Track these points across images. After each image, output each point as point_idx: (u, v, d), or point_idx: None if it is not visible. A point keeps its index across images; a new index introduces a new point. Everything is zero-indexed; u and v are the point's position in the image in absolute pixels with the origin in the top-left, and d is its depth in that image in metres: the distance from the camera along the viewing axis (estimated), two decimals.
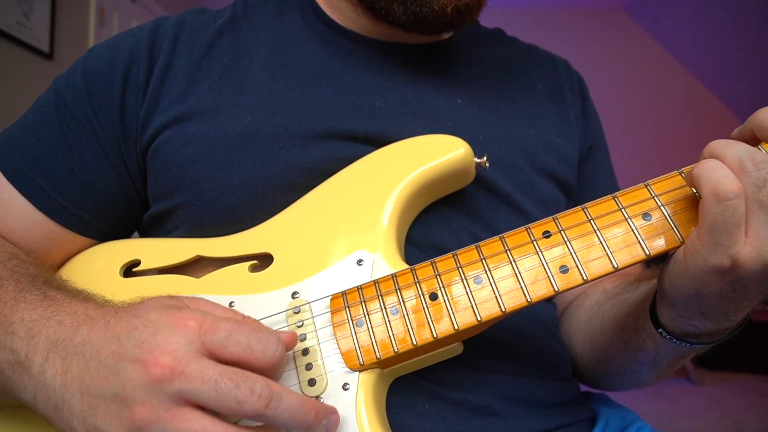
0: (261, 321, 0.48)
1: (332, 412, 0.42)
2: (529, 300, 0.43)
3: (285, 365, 0.40)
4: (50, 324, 0.41)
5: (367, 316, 0.46)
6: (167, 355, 0.36)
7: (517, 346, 0.57)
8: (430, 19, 0.57)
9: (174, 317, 0.38)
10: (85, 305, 0.43)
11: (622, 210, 0.44)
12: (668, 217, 0.42)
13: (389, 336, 0.45)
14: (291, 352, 0.46)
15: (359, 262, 0.49)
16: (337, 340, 0.46)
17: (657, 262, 0.45)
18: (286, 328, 0.47)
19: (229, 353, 0.37)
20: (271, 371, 0.39)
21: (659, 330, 0.49)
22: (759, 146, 0.41)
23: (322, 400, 0.44)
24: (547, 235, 0.45)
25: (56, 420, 0.39)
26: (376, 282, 0.47)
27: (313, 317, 0.47)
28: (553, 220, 0.45)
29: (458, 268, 0.46)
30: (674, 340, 0.48)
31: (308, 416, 0.38)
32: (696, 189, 0.40)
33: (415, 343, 0.44)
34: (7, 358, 0.41)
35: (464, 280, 0.45)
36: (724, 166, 0.39)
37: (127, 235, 0.63)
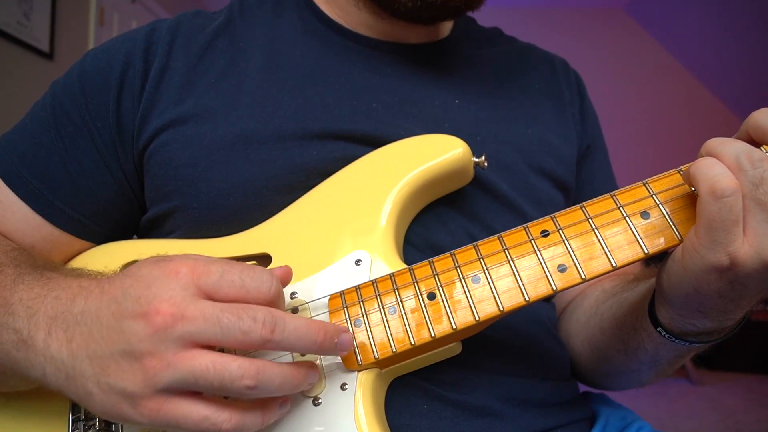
0: None
1: (342, 330, 0.42)
2: (527, 299, 0.43)
3: (284, 300, 0.41)
4: (47, 300, 0.42)
5: (365, 316, 0.46)
6: (165, 302, 0.36)
7: (515, 346, 0.57)
8: (438, 5, 0.57)
9: (165, 268, 0.38)
10: (78, 279, 0.43)
11: (621, 209, 0.44)
12: (667, 216, 0.42)
13: (387, 336, 0.45)
14: (289, 353, 0.46)
15: (357, 262, 0.49)
16: None
17: (656, 260, 0.45)
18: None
19: (224, 293, 0.38)
20: (270, 305, 0.39)
21: (658, 329, 0.49)
22: (761, 148, 0.41)
23: (320, 401, 0.44)
24: (545, 234, 0.45)
25: (71, 389, 0.39)
26: (374, 282, 0.47)
27: (311, 317, 0.47)
28: (551, 219, 0.45)
29: (456, 268, 0.46)
30: (673, 339, 0.48)
31: (317, 336, 0.39)
32: (693, 187, 0.40)
33: (413, 342, 0.44)
34: (11, 338, 0.42)
35: (462, 280, 0.45)
36: (721, 164, 0.39)
37: (125, 238, 0.63)
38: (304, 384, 0.41)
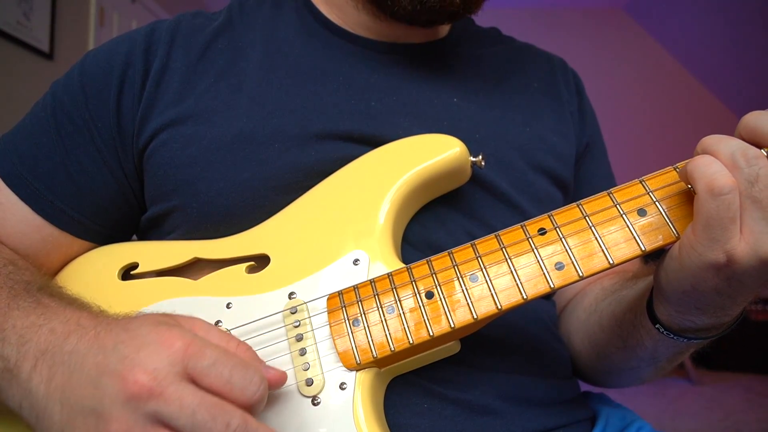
0: (258, 321, 0.48)
1: None
2: (525, 297, 0.43)
3: (264, 403, 0.39)
4: (42, 332, 0.41)
5: (363, 315, 0.46)
6: (147, 374, 0.35)
7: (515, 345, 0.57)
8: (437, 8, 0.57)
9: (162, 335, 0.37)
10: (78, 314, 0.42)
11: (618, 206, 0.44)
12: (663, 213, 0.42)
13: (386, 335, 0.45)
14: (288, 353, 0.46)
15: (356, 261, 0.49)
16: (333, 340, 0.46)
17: (654, 257, 0.45)
18: (282, 329, 0.47)
19: (208, 383, 0.36)
20: (249, 409, 0.37)
21: (656, 326, 0.49)
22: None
23: (319, 400, 0.44)
24: (542, 232, 0.45)
25: (37, 429, 0.39)
26: (372, 281, 0.47)
27: (309, 317, 0.47)
28: (549, 217, 0.45)
29: (454, 267, 0.46)
30: (671, 336, 0.48)
31: None
32: (690, 184, 0.40)
33: (411, 341, 0.44)
34: None
35: (460, 279, 0.45)
36: (717, 162, 0.39)
37: (125, 238, 0.63)
38: None
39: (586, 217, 0.44)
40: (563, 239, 0.44)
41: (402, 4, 0.58)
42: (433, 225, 0.56)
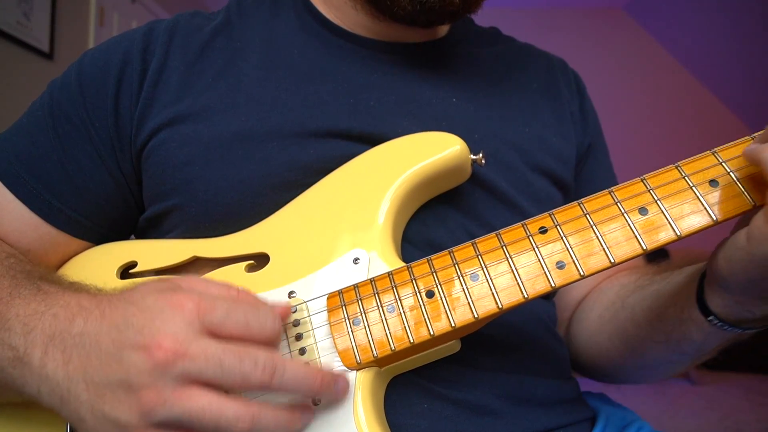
0: None
1: (339, 377, 0.42)
2: (525, 296, 0.43)
3: (281, 334, 0.42)
4: (45, 318, 0.41)
5: (363, 314, 0.46)
6: (169, 338, 0.36)
7: (515, 344, 0.57)
8: (436, 8, 0.57)
9: (170, 300, 0.38)
10: (77, 296, 0.43)
11: (618, 204, 0.44)
12: (664, 211, 0.42)
13: (386, 334, 0.44)
14: (288, 352, 0.46)
15: (356, 260, 0.49)
16: (333, 339, 0.45)
17: (655, 256, 0.45)
18: (282, 328, 0.47)
19: (228, 332, 0.38)
20: (270, 343, 0.40)
21: (710, 318, 0.48)
22: None
23: (319, 400, 0.44)
24: (543, 230, 0.45)
25: (63, 411, 0.39)
26: (372, 280, 0.47)
27: (309, 316, 0.47)
28: (550, 215, 0.45)
29: (454, 265, 0.45)
30: (726, 327, 0.47)
31: (314, 383, 0.39)
32: (762, 171, 0.38)
33: (412, 341, 0.44)
34: (7, 354, 0.42)
35: (461, 277, 0.45)
36: None
37: (123, 237, 0.63)
38: (299, 427, 0.41)
39: (587, 216, 0.44)
40: (564, 238, 0.44)
41: (401, 4, 0.58)
42: (434, 224, 0.56)
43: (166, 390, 0.36)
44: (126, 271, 0.56)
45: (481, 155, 0.55)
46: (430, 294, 0.45)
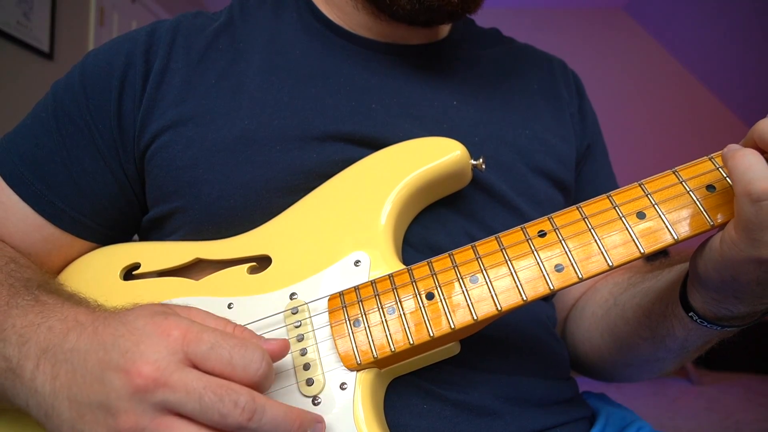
0: (259, 321, 0.48)
1: (317, 420, 0.41)
2: (524, 299, 0.43)
3: (272, 379, 0.40)
4: (41, 330, 0.41)
5: (364, 316, 0.46)
6: (150, 365, 0.36)
7: (515, 345, 0.57)
8: (435, 8, 0.58)
9: (159, 326, 0.38)
10: (75, 310, 0.43)
11: (617, 209, 0.44)
12: (662, 216, 0.43)
13: (386, 336, 0.45)
14: (289, 353, 0.46)
15: (357, 262, 0.49)
16: (334, 340, 0.46)
17: (655, 254, 0.45)
18: (284, 329, 0.48)
19: (210, 367, 0.37)
20: (254, 387, 0.38)
21: (690, 314, 0.48)
22: None
23: (319, 400, 0.44)
24: (542, 234, 0.45)
25: (47, 426, 0.39)
26: (373, 282, 0.47)
27: (310, 318, 0.48)
28: (548, 219, 0.46)
29: (454, 268, 0.46)
30: (705, 324, 0.48)
31: (292, 427, 0.38)
32: (730, 181, 0.39)
33: (412, 342, 0.44)
34: (0, 365, 0.42)
35: (460, 280, 0.45)
36: (758, 164, 0.37)
37: (126, 238, 0.64)
38: None
39: (586, 220, 0.44)
40: (563, 241, 0.44)
41: (401, 3, 0.58)
42: (434, 227, 0.57)
43: (145, 417, 0.35)
44: (129, 273, 0.57)
45: (481, 160, 0.55)
46: (430, 296, 0.45)
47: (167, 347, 0.37)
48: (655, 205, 0.43)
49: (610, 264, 0.43)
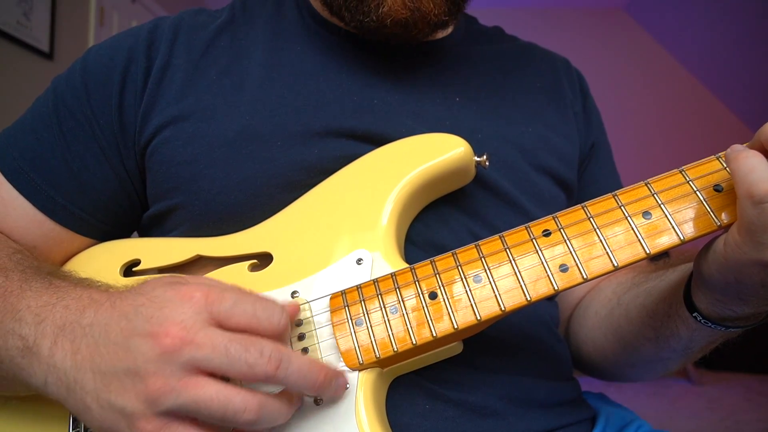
0: None
1: (339, 374, 0.43)
2: (528, 299, 0.43)
3: (289, 334, 0.42)
4: (56, 309, 0.42)
5: (366, 315, 0.46)
6: (176, 325, 0.37)
7: (517, 346, 0.57)
8: (373, 29, 0.57)
9: (179, 291, 0.39)
10: (89, 290, 0.43)
11: (622, 208, 0.44)
12: (668, 216, 0.42)
13: (388, 335, 0.44)
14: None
15: (359, 261, 0.49)
16: (336, 340, 0.45)
17: (660, 255, 0.45)
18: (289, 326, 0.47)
19: (235, 322, 0.38)
20: (277, 338, 0.39)
21: (694, 314, 0.48)
22: None
23: (321, 400, 0.44)
24: (546, 233, 0.45)
25: (69, 401, 0.39)
26: (375, 281, 0.47)
27: (312, 316, 0.47)
28: (553, 218, 0.45)
29: (457, 267, 0.46)
30: (710, 324, 0.48)
31: (318, 377, 0.39)
32: (733, 182, 0.39)
33: (414, 342, 0.44)
34: (16, 344, 0.42)
35: (464, 279, 0.45)
36: (760, 166, 0.37)
37: (126, 234, 0.63)
38: (290, 415, 0.41)
39: (591, 219, 0.44)
40: (567, 241, 0.44)
41: (346, 21, 0.58)
42: (437, 225, 0.56)
43: (173, 378, 0.36)
44: (129, 269, 0.56)
45: (485, 157, 0.55)
46: (433, 295, 0.45)
47: (192, 308, 0.38)
48: (662, 205, 0.43)
49: (615, 264, 0.42)
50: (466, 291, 0.44)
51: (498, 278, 0.44)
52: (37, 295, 0.44)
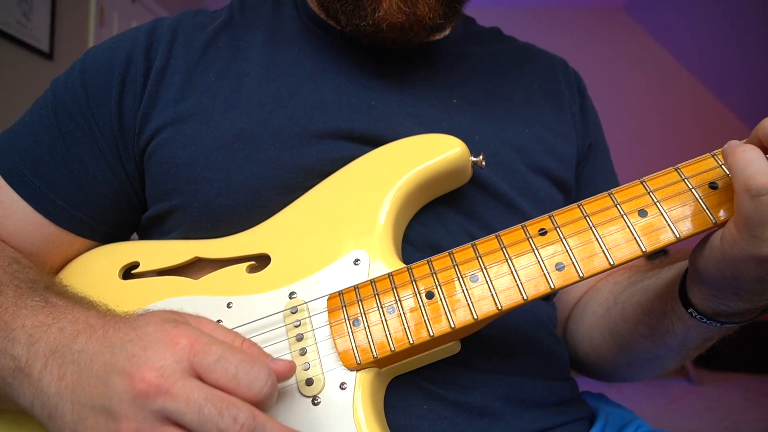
0: (258, 321, 0.48)
1: None
2: (525, 298, 0.43)
3: (275, 399, 0.39)
4: (51, 331, 0.41)
5: (363, 315, 0.46)
6: (154, 371, 0.36)
7: (515, 346, 0.57)
8: (369, 33, 0.57)
9: (168, 333, 0.38)
10: (86, 313, 0.43)
11: (618, 206, 0.44)
12: (664, 214, 0.42)
13: (386, 335, 0.45)
14: (288, 353, 0.46)
15: (356, 261, 0.49)
16: (334, 340, 0.46)
17: (655, 253, 0.45)
18: (283, 328, 0.47)
19: (215, 379, 0.37)
20: (257, 405, 0.37)
21: (689, 310, 0.48)
22: None
23: (319, 400, 0.44)
24: (542, 232, 0.45)
25: (50, 427, 0.39)
26: (372, 281, 0.47)
27: (310, 317, 0.47)
28: (549, 217, 0.45)
29: (454, 267, 0.46)
30: (705, 320, 0.48)
31: None
32: (730, 176, 0.39)
33: (411, 341, 0.44)
34: (8, 364, 0.41)
35: (460, 279, 0.45)
36: (757, 160, 0.37)
37: (126, 236, 0.63)
38: None
39: (587, 218, 0.44)
40: (564, 240, 0.44)
41: (342, 25, 0.58)
42: (434, 225, 0.56)
43: (145, 425, 0.35)
44: (128, 272, 0.56)
45: (481, 157, 0.55)
46: (429, 295, 0.45)
47: (174, 355, 0.36)
48: (657, 203, 0.43)
49: (612, 262, 0.42)
50: (463, 290, 0.44)
51: (494, 277, 0.44)
52: (33, 314, 0.43)
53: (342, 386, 0.44)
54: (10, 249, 0.57)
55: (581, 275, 0.43)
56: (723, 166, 0.42)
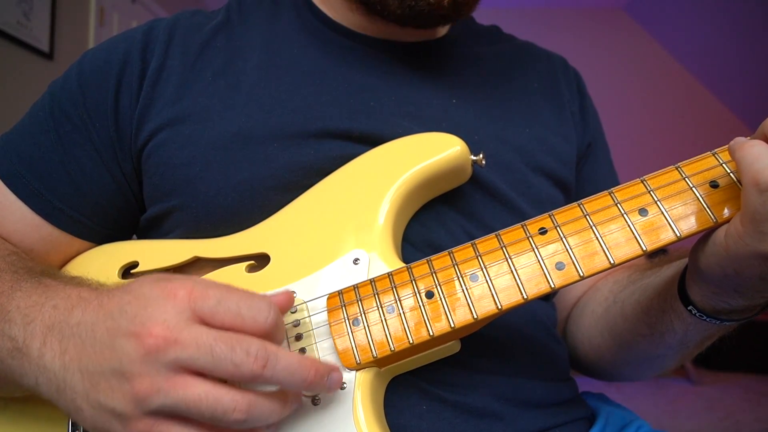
0: None
1: (333, 369, 0.41)
2: (525, 297, 0.43)
3: (283, 331, 0.40)
4: (45, 309, 0.42)
5: (363, 314, 0.46)
6: (159, 325, 0.36)
7: (514, 346, 0.57)
8: (426, 12, 0.57)
9: (164, 288, 0.38)
10: (78, 289, 0.43)
11: (618, 205, 0.44)
12: (664, 213, 0.42)
13: (386, 334, 0.44)
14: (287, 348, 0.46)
15: (356, 261, 0.49)
16: (333, 339, 0.45)
17: (656, 253, 0.45)
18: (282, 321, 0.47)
19: (220, 321, 0.37)
20: (265, 337, 0.38)
21: (689, 308, 0.48)
22: None
23: (319, 400, 0.44)
24: (543, 231, 0.45)
25: (60, 402, 0.39)
26: (372, 281, 0.47)
27: (309, 316, 0.47)
28: (549, 216, 0.45)
29: (454, 266, 0.46)
30: (704, 318, 0.48)
31: (308, 374, 0.38)
32: (738, 173, 0.39)
33: (411, 341, 0.44)
34: (6, 345, 0.42)
35: (460, 278, 0.45)
36: (765, 154, 0.37)
37: (125, 237, 0.63)
38: (288, 413, 0.40)
39: (587, 217, 0.44)
40: (564, 239, 0.44)
41: (391, 8, 0.58)
42: (434, 224, 0.56)
43: (159, 378, 0.35)
44: (128, 271, 0.56)
45: (481, 156, 0.55)
46: (429, 294, 0.45)
47: (174, 307, 0.37)
48: (658, 202, 0.43)
49: (612, 261, 0.42)
50: (463, 290, 0.44)
51: (494, 277, 0.44)
52: (27, 295, 0.44)
53: (342, 386, 0.44)
54: (9, 244, 0.57)
55: (581, 274, 0.42)
56: (724, 165, 0.42)
